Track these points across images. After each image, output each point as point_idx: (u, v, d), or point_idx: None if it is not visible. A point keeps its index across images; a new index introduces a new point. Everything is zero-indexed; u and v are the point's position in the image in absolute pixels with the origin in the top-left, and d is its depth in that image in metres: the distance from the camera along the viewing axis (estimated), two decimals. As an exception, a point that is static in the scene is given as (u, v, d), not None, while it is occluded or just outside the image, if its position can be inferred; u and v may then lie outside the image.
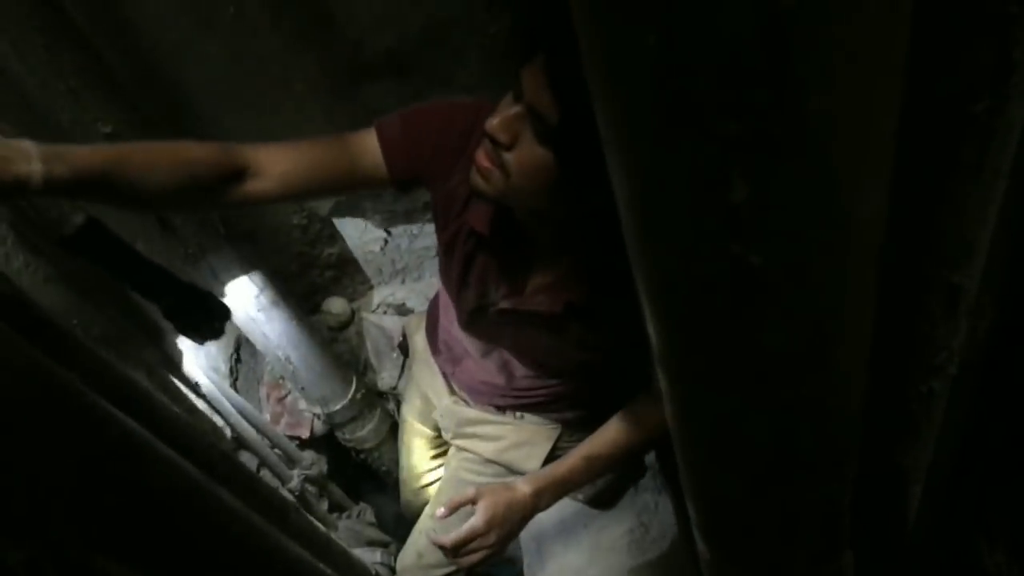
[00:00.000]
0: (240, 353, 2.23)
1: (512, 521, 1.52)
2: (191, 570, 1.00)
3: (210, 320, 1.35)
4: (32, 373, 0.82)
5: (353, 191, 1.43)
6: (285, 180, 1.27)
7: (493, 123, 1.09)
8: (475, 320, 1.48)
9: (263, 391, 2.31)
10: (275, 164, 1.27)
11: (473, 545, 1.51)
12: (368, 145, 1.32)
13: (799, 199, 0.37)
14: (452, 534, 1.54)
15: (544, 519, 1.86)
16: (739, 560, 0.75)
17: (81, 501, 0.85)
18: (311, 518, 1.55)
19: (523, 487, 1.53)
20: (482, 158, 1.13)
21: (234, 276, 1.86)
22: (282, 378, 2.27)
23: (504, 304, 1.38)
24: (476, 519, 1.52)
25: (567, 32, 1.05)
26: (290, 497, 1.90)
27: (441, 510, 1.55)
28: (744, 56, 0.31)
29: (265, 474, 1.98)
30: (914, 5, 0.37)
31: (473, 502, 1.55)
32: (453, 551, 1.53)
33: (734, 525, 0.68)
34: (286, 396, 2.31)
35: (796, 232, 0.38)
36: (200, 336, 1.36)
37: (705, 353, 0.49)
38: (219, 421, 1.82)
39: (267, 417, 2.22)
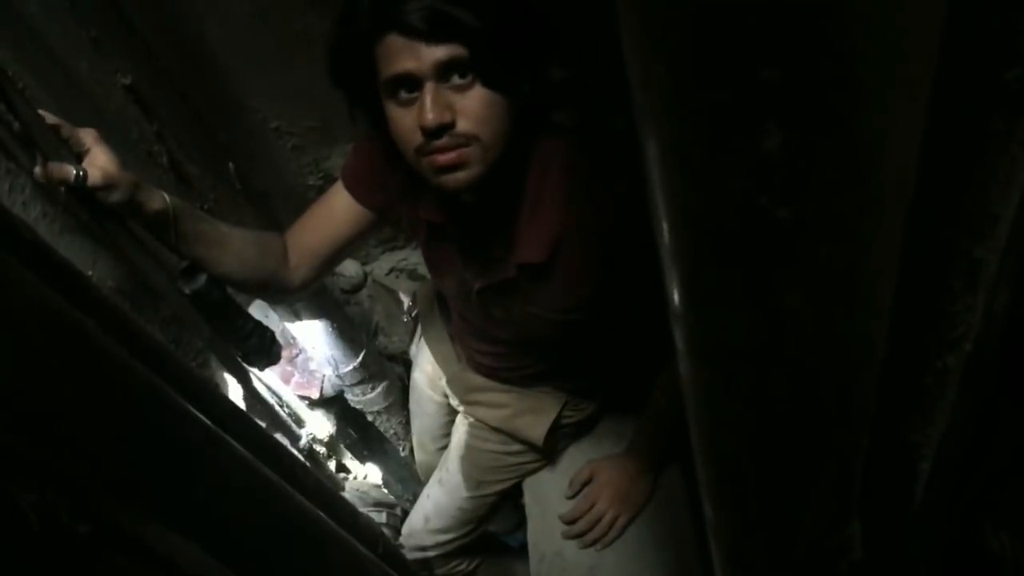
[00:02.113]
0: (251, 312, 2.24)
1: (632, 493, 1.70)
2: (200, 519, 1.01)
3: (269, 352, 1.63)
4: (48, 315, 0.82)
5: (366, 238, 1.51)
6: (313, 264, 1.49)
7: (428, 118, 1.07)
8: (462, 304, 1.51)
9: (274, 350, 2.32)
10: (303, 252, 1.47)
11: (602, 525, 1.69)
12: (342, 195, 1.43)
13: (833, 151, 0.36)
14: (578, 524, 1.72)
15: (550, 486, 1.87)
16: (747, 524, 0.75)
17: (94, 446, 0.86)
18: (319, 476, 1.56)
19: (631, 462, 1.70)
20: (442, 157, 1.12)
21: (249, 234, 1.86)
22: (293, 337, 2.28)
23: (478, 284, 1.40)
24: (599, 505, 1.70)
25: None
26: (299, 456, 1.91)
27: (567, 491, 1.76)
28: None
29: (274, 433, 1.99)
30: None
31: (587, 482, 1.74)
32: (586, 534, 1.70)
33: (744, 488, 0.68)
34: (297, 356, 2.32)
35: (826, 186, 0.38)
36: (262, 365, 1.66)
37: (724, 311, 0.49)
38: (230, 378, 1.83)
39: (277, 376, 2.23)
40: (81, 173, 1.13)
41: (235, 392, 1.82)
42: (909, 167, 0.42)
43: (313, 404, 2.32)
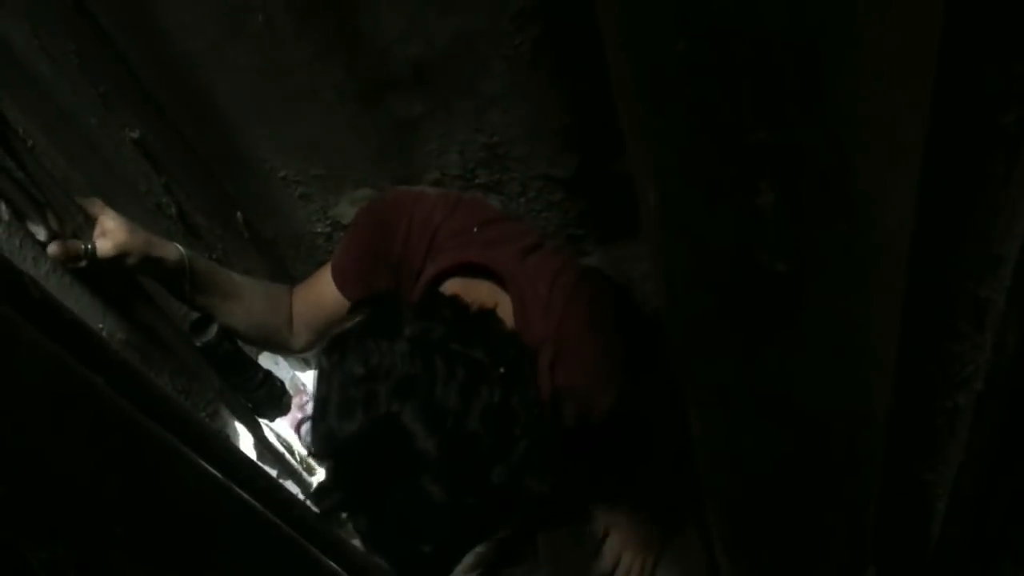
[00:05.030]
0: (261, 360, 2.24)
1: (652, 534, 1.68)
2: (211, 572, 1.00)
3: (279, 402, 1.65)
4: (58, 374, 0.83)
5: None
6: (310, 337, 1.48)
7: None
8: None
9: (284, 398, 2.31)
10: (301, 323, 1.47)
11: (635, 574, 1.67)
12: (331, 286, 1.39)
13: (825, 207, 0.36)
14: None
15: (562, 527, 1.85)
16: (760, 573, 0.74)
17: (105, 503, 0.85)
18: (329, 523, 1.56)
19: (641, 506, 1.68)
20: None
21: (258, 282, 1.86)
22: (303, 385, 2.28)
23: None
24: (626, 557, 1.68)
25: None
26: (310, 504, 1.90)
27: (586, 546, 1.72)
28: (775, 64, 0.31)
29: (285, 481, 1.98)
30: (943, 18, 0.37)
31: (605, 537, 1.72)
32: None
33: (756, 539, 0.68)
34: (307, 403, 2.31)
35: (822, 240, 0.38)
36: (272, 416, 1.69)
37: (729, 364, 0.49)
38: (241, 429, 1.82)
39: (288, 423, 2.22)
40: (89, 247, 1.14)
41: (245, 441, 1.82)
42: (904, 219, 0.42)
43: (324, 450, 2.31)
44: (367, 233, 1.33)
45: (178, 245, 1.26)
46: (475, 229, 1.23)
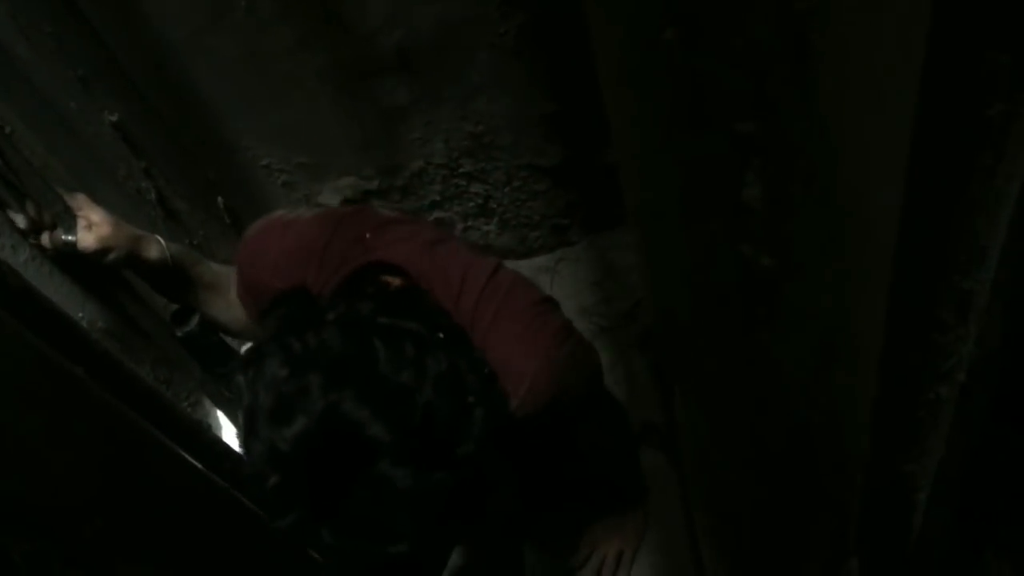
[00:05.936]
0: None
1: (628, 524, 1.65)
2: (194, 563, 1.00)
3: None
4: (39, 366, 0.82)
5: None
6: None
7: None
8: None
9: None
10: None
11: (609, 563, 1.64)
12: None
13: (813, 200, 0.36)
14: (586, 570, 1.66)
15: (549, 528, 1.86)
16: (745, 566, 0.74)
17: (87, 496, 0.85)
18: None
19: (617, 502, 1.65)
20: None
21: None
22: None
23: None
24: (602, 547, 1.66)
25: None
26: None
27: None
28: (764, 55, 0.30)
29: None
30: (932, 9, 0.37)
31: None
32: None
33: (741, 531, 0.68)
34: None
35: (808, 233, 0.38)
36: None
37: (714, 358, 0.48)
38: (224, 419, 1.81)
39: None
40: (72, 238, 1.14)
41: (227, 432, 1.81)
42: (891, 211, 0.41)
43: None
44: (242, 271, 1.25)
45: (160, 239, 1.24)
46: (367, 236, 1.15)
